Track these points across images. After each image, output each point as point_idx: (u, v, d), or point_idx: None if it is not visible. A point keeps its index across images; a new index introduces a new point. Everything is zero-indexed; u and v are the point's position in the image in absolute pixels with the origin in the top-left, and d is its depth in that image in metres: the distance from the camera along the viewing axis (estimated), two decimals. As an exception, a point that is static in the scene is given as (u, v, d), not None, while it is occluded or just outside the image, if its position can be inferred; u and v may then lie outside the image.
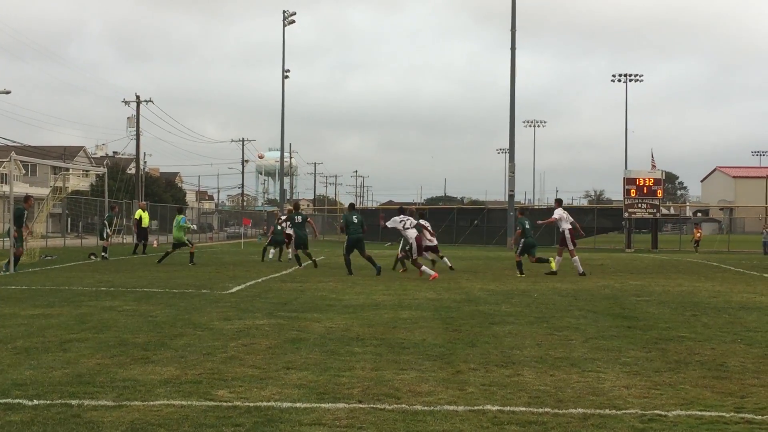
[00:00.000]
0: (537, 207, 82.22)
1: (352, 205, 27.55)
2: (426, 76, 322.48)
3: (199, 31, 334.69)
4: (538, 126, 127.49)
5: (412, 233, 23.82)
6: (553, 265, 24.80)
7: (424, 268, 23.01)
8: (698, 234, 54.46)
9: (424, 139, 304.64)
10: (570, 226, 25.76)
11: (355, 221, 24.97)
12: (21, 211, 25.11)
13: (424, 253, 24.80)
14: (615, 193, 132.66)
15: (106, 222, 33.85)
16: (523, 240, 24.99)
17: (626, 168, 74.56)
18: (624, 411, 7.30)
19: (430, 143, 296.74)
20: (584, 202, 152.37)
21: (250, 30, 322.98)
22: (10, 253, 24.38)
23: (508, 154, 59.67)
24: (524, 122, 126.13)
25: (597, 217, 63.76)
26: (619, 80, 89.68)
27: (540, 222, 28.31)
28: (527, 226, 24.91)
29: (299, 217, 28.40)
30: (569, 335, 11.83)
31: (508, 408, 7.35)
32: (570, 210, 74.22)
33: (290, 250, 30.34)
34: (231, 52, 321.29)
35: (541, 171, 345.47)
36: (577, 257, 25.82)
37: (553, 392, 8.02)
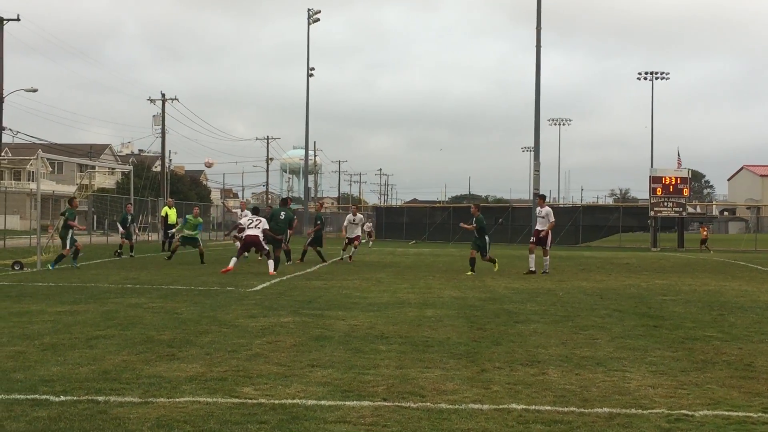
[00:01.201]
0: (561, 205, 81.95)
1: (284, 201, 27.88)
2: (456, 74, 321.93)
3: (233, 31, 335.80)
4: (563, 124, 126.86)
5: (254, 231, 23.59)
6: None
7: (234, 259, 23.35)
8: (705, 233, 53.95)
9: (451, 137, 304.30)
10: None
11: (282, 217, 25.35)
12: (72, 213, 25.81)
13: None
14: (640, 191, 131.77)
15: (119, 223, 33.99)
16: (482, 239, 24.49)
17: (652, 166, 74.14)
18: (650, 411, 7.26)
19: (457, 142, 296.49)
20: (609, 201, 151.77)
21: (283, 29, 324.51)
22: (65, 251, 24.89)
23: (533, 153, 59.46)
24: (549, 120, 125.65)
25: (622, 216, 63.45)
26: (645, 78, 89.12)
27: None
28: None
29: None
30: (595, 334, 11.78)
31: (534, 407, 7.32)
32: (595, 208, 73.88)
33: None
34: (264, 51, 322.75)
35: (566, 169, 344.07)
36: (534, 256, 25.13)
37: (579, 391, 7.99)
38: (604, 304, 15.86)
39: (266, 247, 23.89)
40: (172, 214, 37.80)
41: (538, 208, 25.65)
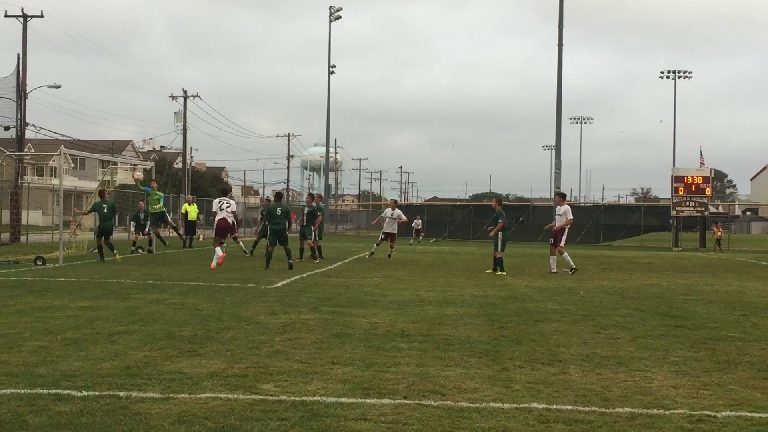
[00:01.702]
0: (583, 204, 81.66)
1: (279, 195, 26.85)
2: (481, 73, 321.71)
3: (260, 28, 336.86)
4: (585, 123, 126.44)
5: (223, 215, 23.64)
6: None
7: (217, 249, 23.28)
8: (719, 233, 53.50)
9: (473, 136, 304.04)
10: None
11: (279, 213, 24.98)
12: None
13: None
14: (662, 191, 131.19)
15: (133, 222, 34.14)
16: (502, 234, 24.08)
17: (674, 165, 73.75)
18: (672, 411, 7.22)
19: (479, 140, 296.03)
20: (631, 200, 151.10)
21: (308, 27, 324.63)
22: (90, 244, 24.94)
23: (554, 151, 59.25)
24: (570, 119, 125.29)
25: (644, 216, 63.19)
26: (668, 77, 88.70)
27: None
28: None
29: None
30: (616, 334, 11.74)
31: (555, 406, 7.30)
32: (617, 208, 73.55)
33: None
34: (289, 49, 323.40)
35: (587, 168, 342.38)
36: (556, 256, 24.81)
37: (600, 391, 7.96)
38: (626, 304, 15.80)
39: (236, 232, 24.30)
40: (192, 211, 37.92)
41: (558, 207, 25.42)
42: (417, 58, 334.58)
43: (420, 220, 60.44)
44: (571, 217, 24.73)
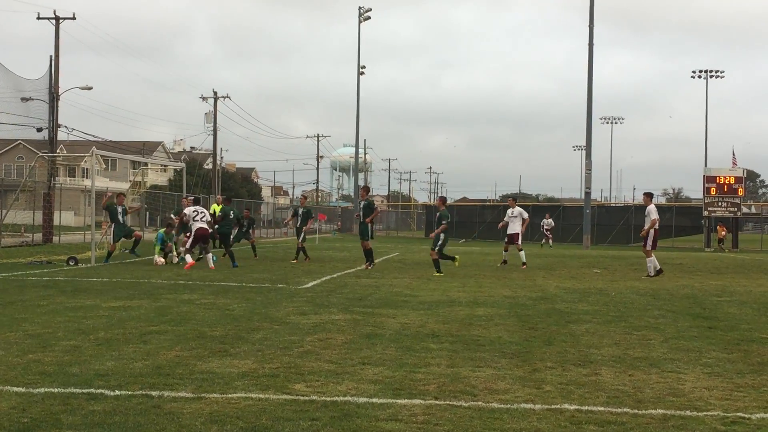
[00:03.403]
0: (613, 204, 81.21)
1: (227, 199, 28.79)
2: (521, 74, 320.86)
3: (303, 30, 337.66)
4: (616, 123, 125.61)
5: (198, 225, 23.81)
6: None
7: (187, 256, 23.47)
8: (723, 232, 52.70)
9: (507, 136, 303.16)
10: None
11: (231, 216, 26.58)
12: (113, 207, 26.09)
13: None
14: (694, 191, 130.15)
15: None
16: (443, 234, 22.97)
17: (706, 166, 73.17)
18: (705, 413, 7.16)
19: (512, 141, 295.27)
20: (662, 200, 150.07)
21: (352, 27, 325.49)
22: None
23: (584, 151, 58.94)
24: (601, 119, 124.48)
25: (675, 216, 62.74)
26: (700, 77, 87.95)
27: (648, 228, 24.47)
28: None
29: (301, 210, 28.67)
30: (648, 335, 11.66)
31: (586, 407, 7.26)
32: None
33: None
34: (331, 50, 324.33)
35: (618, 168, 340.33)
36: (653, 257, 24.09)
37: (632, 392, 7.91)
38: (658, 305, 15.69)
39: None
40: (218, 211, 38.03)
41: (649, 206, 24.00)
42: (458, 59, 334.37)
43: (550, 219, 54.13)
44: (654, 216, 23.61)
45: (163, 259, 25.21)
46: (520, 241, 26.53)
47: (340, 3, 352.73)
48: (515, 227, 27.51)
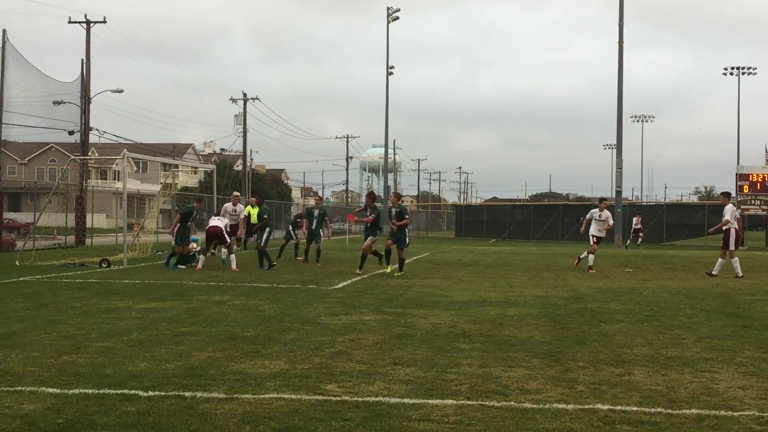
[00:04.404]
0: (645, 203, 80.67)
1: (261, 198, 29.16)
2: (555, 73, 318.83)
3: (341, 31, 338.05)
4: (646, 121, 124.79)
5: (212, 223, 24.00)
6: None
7: (202, 258, 23.79)
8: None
9: (539, 136, 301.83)
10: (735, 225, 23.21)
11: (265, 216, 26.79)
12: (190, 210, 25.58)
13: None
14: (726, 189, 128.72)
15: (290, 226, 32.88)
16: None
17: (739, 163, 72.51)
18: (740, 413, 7.10)
19: (545, 140, 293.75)
20: (694, 199, 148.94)
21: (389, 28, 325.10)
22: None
23: (615, 150, 58.60)
24: (631, 117, 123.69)
25: (708, 214, 62.20)
26: (731, 74, 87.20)
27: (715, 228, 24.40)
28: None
29: (317, 211, 27.78)
30: (681, 334, 11.57)
31: (620, 407, 7.22)
32: (680, 207, 72.49)
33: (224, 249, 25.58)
34: (367, 51, 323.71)
35: (649, 167, 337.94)
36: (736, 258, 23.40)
37: (666, 392, 7.85)
38: (691, 304, 15.57)
39: (228, 239, 24.07)
40: (254, 213, 38.12)
41: (726, 206, 23.36)
42: (493, 59, 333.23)
43: (639, 218, 51.92)
44: (727, 217, 23.05)
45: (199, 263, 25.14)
46: (731, 246, 23.57)
47: (377, 4, 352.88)
48: (600, 230, 25.48)
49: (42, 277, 20.50)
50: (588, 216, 25.82)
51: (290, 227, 32.29)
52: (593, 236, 25.28)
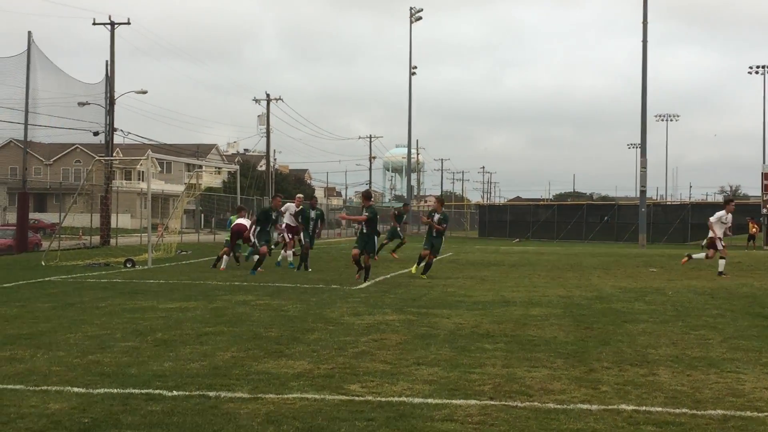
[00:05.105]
0: (669, 203, 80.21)
1: (273, 196, 28.73)
2: (583, 73, 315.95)
3: (370, 31, 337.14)
4: (671, 120, 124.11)
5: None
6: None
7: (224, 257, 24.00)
8: (754, 229, 51.52)
9: (565, 136, 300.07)
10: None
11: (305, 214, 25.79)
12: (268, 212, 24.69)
13: None
14: (752, 188, 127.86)
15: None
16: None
17: (764, 162, 71.96)
18: (766, 414, 7.05)
19: (570, 140, 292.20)
20: (719, 198, 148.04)
21: (416, 28, 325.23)
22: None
23: (639, 149, 58.33)
24: (656, 116, 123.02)
25: (733, 214, 61.77)
26: (757, 72, 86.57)
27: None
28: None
29: (314, 212, 25.18)
30: (706, 334, 11.50)
31: (644, 408, 7.19)
32: (705, 206, 72.02)
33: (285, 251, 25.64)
34: (395, 51, 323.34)
35: (673, 166, 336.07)
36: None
37: (691, 393, 7.81)
38: (716, 304, 15.47)
39: (252, 239, 23.60)
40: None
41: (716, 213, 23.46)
42: (521, 58, 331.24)
43: (752, 222, 51.52)
44: (713, 228, 23.37)
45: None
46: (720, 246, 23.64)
47: (403, 4, 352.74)
48: (725, 233, 24.43)
49: (67, 277, 20.64)
50: (714, 219, 24.09)
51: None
52: (719, 239, 23.83)
